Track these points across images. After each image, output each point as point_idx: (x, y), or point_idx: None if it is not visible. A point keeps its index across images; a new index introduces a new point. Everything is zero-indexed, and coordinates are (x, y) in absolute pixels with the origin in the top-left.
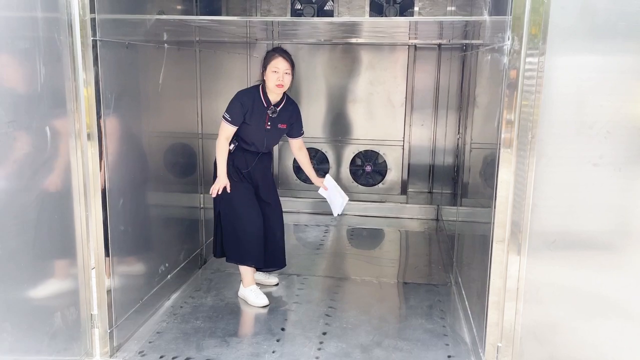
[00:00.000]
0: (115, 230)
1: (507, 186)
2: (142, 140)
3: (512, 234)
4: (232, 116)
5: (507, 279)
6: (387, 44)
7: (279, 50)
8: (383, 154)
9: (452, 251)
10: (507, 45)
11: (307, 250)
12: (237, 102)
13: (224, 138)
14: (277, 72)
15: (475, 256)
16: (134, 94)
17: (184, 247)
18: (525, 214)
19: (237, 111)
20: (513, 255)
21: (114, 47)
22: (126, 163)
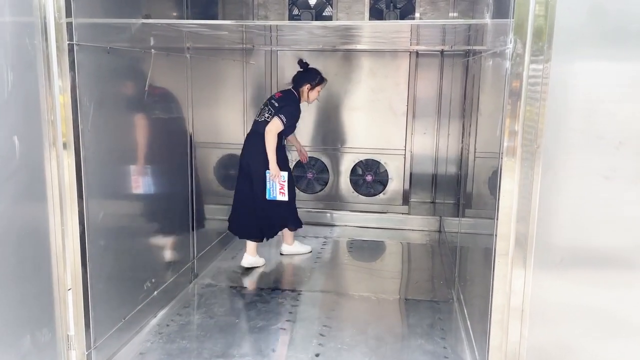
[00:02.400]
0: (95, 246)
1: (511, 197)
2: (125, 150)
3: (517, 247)
4: (287, 120)
5: (512, 295)
6: (389, 51)
7: (325, 78)
8: (384, 163)
9: (454, 265)
10: (510, 49)
11: (304, 263)
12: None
13: (276, 134)
14: (319, 91)
15: (477, 271)
16: (116, 101)
17: (173, 261)
18: (530, 226)
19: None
20: (518, 270)
21: (93, 52)
22: (107, 174)
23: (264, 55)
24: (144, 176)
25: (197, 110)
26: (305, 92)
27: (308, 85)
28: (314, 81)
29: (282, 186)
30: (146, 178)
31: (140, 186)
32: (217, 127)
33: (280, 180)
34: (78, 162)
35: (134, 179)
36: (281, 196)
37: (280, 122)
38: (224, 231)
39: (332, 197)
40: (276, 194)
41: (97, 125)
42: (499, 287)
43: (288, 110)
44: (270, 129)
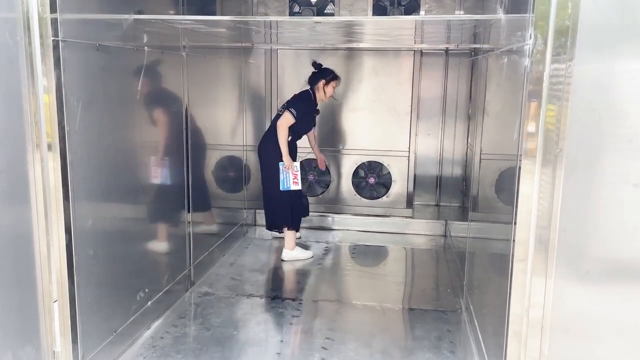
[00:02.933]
0: (83, 255)
1: (530, 201)
2: (116, 152)
3: (537, 255)
4: (298, 113)
5: (531, 307)
6: (392, 49)
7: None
8: (387, 165)
9: (461, 272)
10: (529, 45)
11: (305, 269)
12: (304, 103)
13: (287, 127)
14: (334, 87)
15: (490, 279)
16: (107, 101)
17: (168, 269)
18: (552, 233)
19: (303, 110)
20: (538, 279)
21: (80, 49)
22: (97, 178)
23: (264, 54)
24: (137, 179)
25: (194, 110)
26: (321, 88)
27: (323, 81)
28: (328, 76)
29: (295, 176)
30: (139, 181)
31: (132, 190)
32: (215, 128)
33: (293, 171)
34: (64, 167)
35: (126, 181)
36: (295, 186)
37: (291, 115)
38: (222, 236)
39: (334, 200)
40: (290, 184)
41: (86, 127)
42: (517, 298)
43: (298, 103)
44: (281, 122)
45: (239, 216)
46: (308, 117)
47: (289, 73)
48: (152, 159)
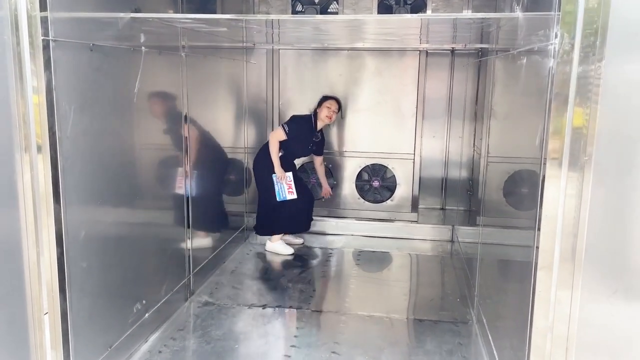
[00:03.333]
0: (75, 267)
1: (555, 207)
2: (112, 158)
3: (562, 264)
4: (290, 130)
5: (555, 320)
6: (397, 49)
7: (332, 96)
8: (392, 168)
9: (472, 280)
10: (554, 45)
11: (309, 278)
12: (297, 122)
13: (277, 140)
14: (330, 107)
15: (505, 288)
16: (101, 104)
17: (167, 279)
18: (579, 242)
19: (294, 128)
20: (564, 292)
21: (73, 49)
22: (90, 185)
23: (265, 54)
24: (133, 186)
25: (194, 112)
26: (317, 113)
27: (317, 106)
28: (321, 99)
29: (289, 186)
30: (136, 188)
31: (128, 197)
32: (215, 130)
33: (287, 181)
34: (55, 174)
35: (122, 188)
36: (290, 195)
37: (282, 130)
38: (223, 242)
39: (337, 204)
40: (285, 194)
41: (79, 131)
42: (541, 310)
43: (292, 122)
44: (271, 134)
45: (240, 221)
46: (303, 139)
47: (291, 73)
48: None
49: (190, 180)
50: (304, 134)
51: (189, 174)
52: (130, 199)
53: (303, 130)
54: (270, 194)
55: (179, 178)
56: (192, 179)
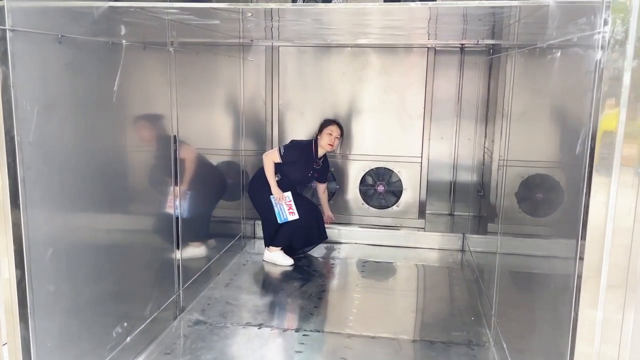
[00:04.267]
0: (41, 292)
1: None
2: (86, 163)
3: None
4: (286, 154)
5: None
6: (403, 46)
7: (333, 120)
8: (398, 171)
9: (487, 295)
10: (604, 34)
11: (309, 293)
12: (294, 148)
13: (271, 160)
14: (331, 134)
15: (533, 305)
16: (73, 104)
17: (152, 297)
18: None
19: (291, 154)
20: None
21: (37, 41)
22: (59, 195)
23: (264, 52)
24: (111, 195)
25: (183, 113)
26: (318, 140)
27: (318, 132)
28: (322, 125)
29: (289, 206)
30: (115, 197)
31: (107, 208)
32: (208, 132)
33: (286, 202)
34: (14, 186)
35: (99, 198)
36: (292, 216)
37: (277, 152)
38: (218, 251)
39: (340, 209)
40: (286, 215)
41: (44, 136)
42: (585, 332)
43: (290, 146)
44: (266, 154)
45: (236, 228)
46: (301, 166)
47: (291, 72)
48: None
49: (180, 186)
50: (303, 161)
51: (178, 179)
52: (109, 208)
53: (301, 158)
54: (272, 214)
55: (167, 183)
56: (181, 184)
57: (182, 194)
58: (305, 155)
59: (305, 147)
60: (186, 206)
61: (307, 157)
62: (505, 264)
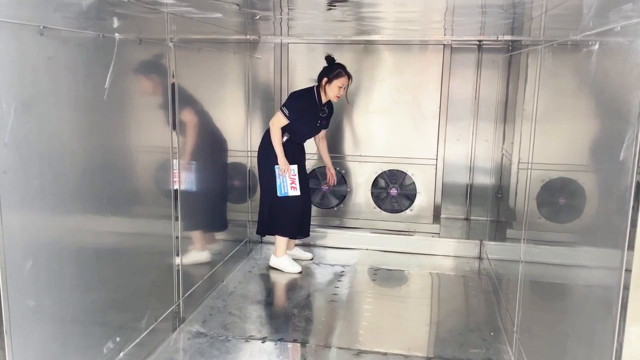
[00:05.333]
0: (19, 308)
1: None
2: (72, 166)
3: None
4: (291, 113)
5: None
6: (418, 43)
7: (346, 70)
8: (411, 174)
9: (508, 308)
10: None
11: (317, 303)
12: (297, 102)
13: (279, 127)
14: (341, 87)
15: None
16: (56, 102)
17: (149, 308)
18: None
19: (295, 110)
20: None
21: (14, 32)
22: (40, 201)
23: (273, 49)
24: (104, 195)
25: (185, 111)
26: (323, 87)
27: (325, 78)
28: (332, 74)
29: (292, 180)
30: (109, 197)
31: (95, 211)
32: (213, 132)
33: (290, 175)
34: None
35: (85, 202)
36: (293, 191)
37: (282, 115)
38: (223, 257)
39: (350, 213)
40: (287, 189)
41: (21, 137)
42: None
43: (292, 102)
44: (272, 121)
45: (242, 232)
46: (308, 118)
47: (300, 70)
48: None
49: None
50: (309, 112)
51: (178, 180)
52: (100, 212)
53: (307, 110)
54: (271, 187)
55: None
56: (181, 186)
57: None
58: (311, 105)
59: (308, 97)
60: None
61: (312, 107)
62: (529, 273)
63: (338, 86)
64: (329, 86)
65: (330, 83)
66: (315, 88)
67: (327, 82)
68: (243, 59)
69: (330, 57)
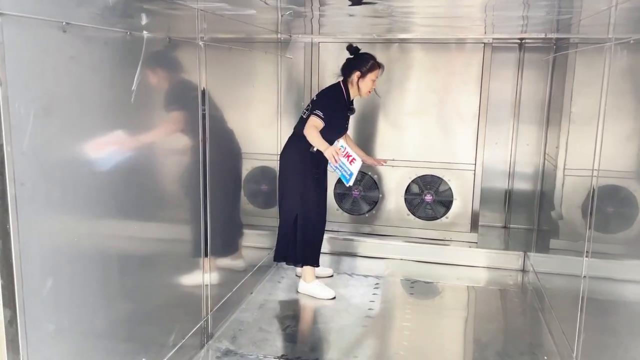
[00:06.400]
0: (37, 332)
1: None
2: (95, 175)
3: None
4: (326, 115)
5: None
6: (455, 42)
7: (380, 63)
8: (447, 179)
9: (564, 331)
10: None
11: (352, 318)
12: (330, 102)
13: (317, 131)
14: (374, 81)
15: None
16: (80, 105)
17: (176, 325)
18: None
19: (331, 111)
20: None
21: (34, 28)
22: (61, 216)
23: (304, 48)
24: (129, 207)
25: (214, 114)
26: (355, 83)
27: (357, 72)
28: (365, 67)
29: (347, 155)
30: (134, 209)
31: (119, 224)
32: (242, 135)
33: (342, 153)
34: (2, 209)
35: (110, 214)
36: (354, 164)
37: (318, 119)
38: (253, 266)
39: (382, 220)
40: (350, 169)
41: (42, 145)
42: None
43: (324, 102)
44: (308, 130)
45: (271, 240)
46: (340, 118)
47: (331, 70)
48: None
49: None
50: (340, 112)
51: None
52: (126, 223)
53: (338, 108)
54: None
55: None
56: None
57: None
58: (342, 105)
59: (337, 94)
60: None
61: (343, 107)
62: (597, 290)
63: (372, 79)
64: (362, 81)
65: (364, 77)
66: (342, 83)
67: (360, 76)
68: (274, 59)
69: (354, 47)
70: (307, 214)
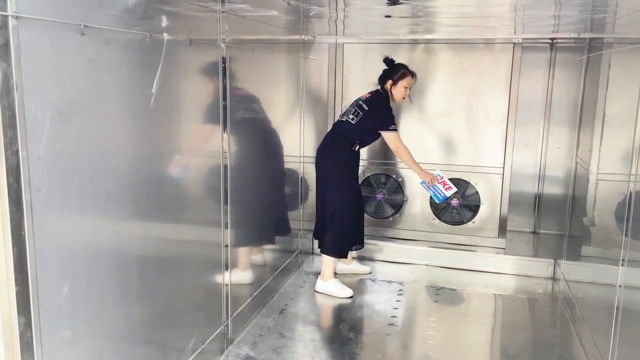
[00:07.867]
0: (53, 340)
1: None
2: (115, 179)
3: None
4: (395, 125)
5: None
6: (483, 42)
7: (409, 69)
8: (475, 183)
9: (597, 345)
10: None
11: (375, 326)
12: (389, 111)
13: (402, 143)
14: (407, 88)
15: None
16: (98, 109)
17: (196, 330)
18: None
19: (393, 118)
20: None
21: (51, 31)
22: (79, 223)
23: (327, 50)
24: (148, 213)
25: (236, 117)
26: (389, 89)
27: (390, 81)
28: (397, 75)
29: (443, 183)
30: (153, 214)
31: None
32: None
33: (438, 181)
34: (17, 214)
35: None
36: (450, 191)
37: (395, 133)
38: (274, 271)
39: (406, 224)
40: (444, 193)
41: (59, 150)
42: None
43: (384, 112)
44: (396, 147)
45: (294, 243)
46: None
47: (355, 72)
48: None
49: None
50: (392, 115)
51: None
52: (145, 227)
53: (390, 113)
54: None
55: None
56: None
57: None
58: (391, 109)
59: (387, 100)
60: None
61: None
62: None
63: (404, 86)
64: (394, 88)
65: (396, 85)
66: (384, 91)
67: (392, 84)
68: (297, 61)
69: (389, 59)
70: (344, 208)
